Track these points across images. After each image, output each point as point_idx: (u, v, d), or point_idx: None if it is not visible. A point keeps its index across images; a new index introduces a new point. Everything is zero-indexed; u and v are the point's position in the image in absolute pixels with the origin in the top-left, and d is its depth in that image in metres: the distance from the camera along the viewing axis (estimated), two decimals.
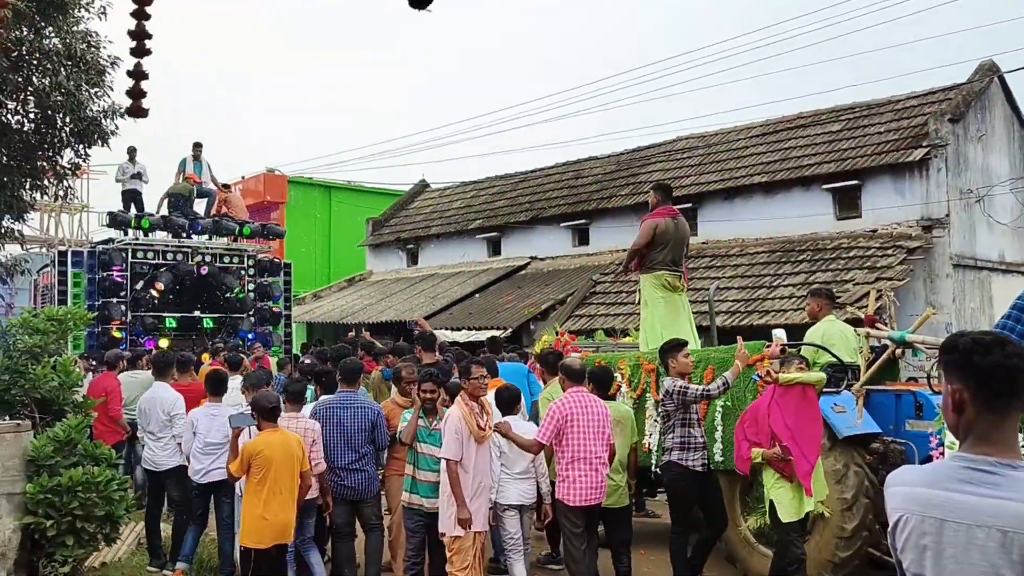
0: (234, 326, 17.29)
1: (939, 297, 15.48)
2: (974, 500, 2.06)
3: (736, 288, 16.24)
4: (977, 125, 17.09)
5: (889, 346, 7.10)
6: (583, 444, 6.48)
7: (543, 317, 18.34)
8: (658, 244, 8.86)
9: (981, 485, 2.07)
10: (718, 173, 19.38)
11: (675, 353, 6.91)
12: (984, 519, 2.04)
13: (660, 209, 9.04)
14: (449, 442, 6.28)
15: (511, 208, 24.13)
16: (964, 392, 2.16)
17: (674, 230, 8.95)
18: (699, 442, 6.84)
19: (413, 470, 6.83)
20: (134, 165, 17.47)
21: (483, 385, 6.57)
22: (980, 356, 2.14)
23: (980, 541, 2.03)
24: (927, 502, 2.13)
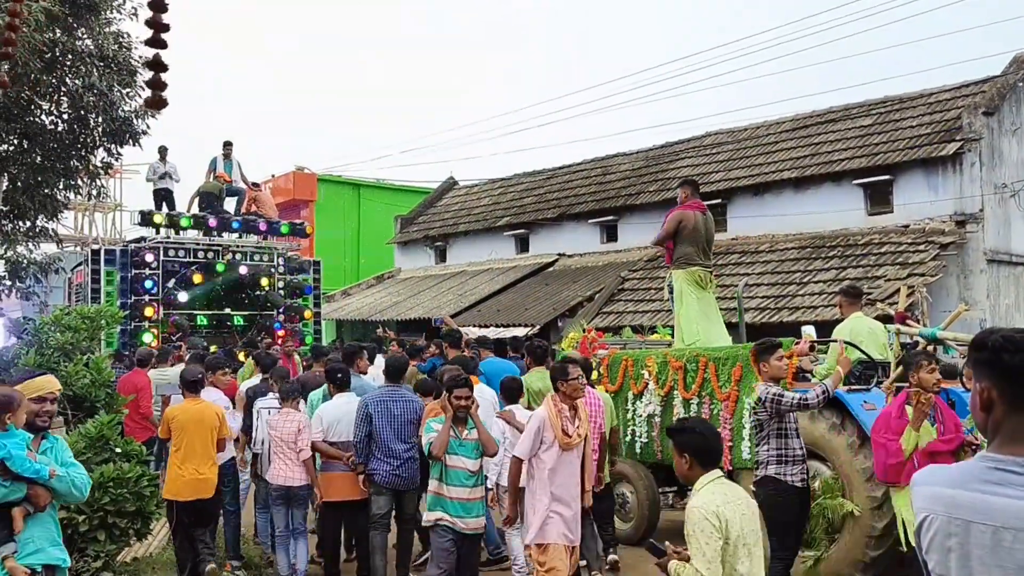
0: (264, 324, 17.42)
1: (973, 293, 15.25)
2: (1002, 502, 2.00)
3: (766, 284, 16.11)
4: (1012, 118, 16.80)
5: (920, 343, 7.02)
6: None
7: (571, 314, 18.30)
8: (687, 238, 8.83)
9: (1009, 486, 2.01)
10: (747, 169, 19.22)
11: (767, 356, 6.16)
12: (1012, 521, 1.98)
13: (690, 203, 9.01)
14: (523, 439, 6.00)
15: (539, 205, 24.11)
16: (993, 390, 2.09)
17: (702, 224, 8.91)
18: (798, 454, 6.11)
19: (440, 486, 6.30)
20: (165, 164, 17.66)
21: (580, 387, 6.09)
22: (1010, 354, 2.07)
23: (1008, 543, 1.98)
24: (953, 503, 2.08)
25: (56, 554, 4.51)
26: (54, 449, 4.65)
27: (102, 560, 6.40)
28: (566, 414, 5.96)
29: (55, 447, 4.67)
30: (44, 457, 4.52)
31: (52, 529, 4.52)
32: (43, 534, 4.48)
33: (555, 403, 5.98)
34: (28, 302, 18.78)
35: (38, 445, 4.56)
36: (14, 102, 13.39)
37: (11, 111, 13.53)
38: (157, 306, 16.07)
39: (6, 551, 4.35)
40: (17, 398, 4.42)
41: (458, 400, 6.34)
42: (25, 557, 4.40)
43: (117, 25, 14.62)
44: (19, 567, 4.34)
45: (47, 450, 4.61)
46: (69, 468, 4.58)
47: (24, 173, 14.93)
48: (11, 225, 15.59)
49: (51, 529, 4.52)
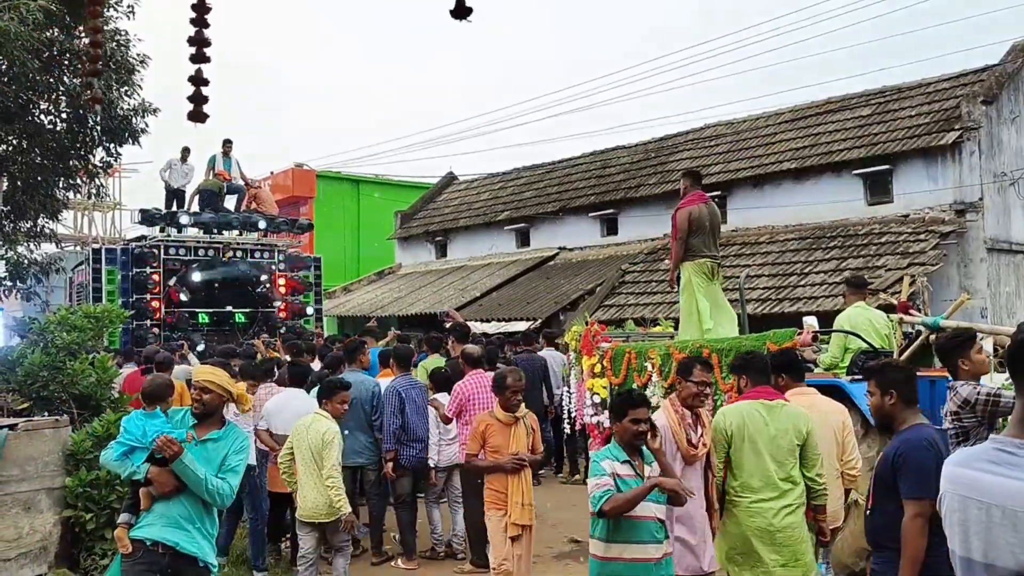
0: (265, 321, 17.43)
1: (973, 282, 15.28)
2: (992, 479, 2.12)
3: (767, 276, 16.13)
4: (1011, 107, 16.81)
5: (923, 332, 7.04)
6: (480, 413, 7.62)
7: (572, 308, 18.33)
8: (695, 231, 8.85)
9: (1003, 465, 2.12)
10: (747, 160, 19.23)
11: (966, 350, 5.05)
12: (1001, 499, 2.09)
13: (691, 196, 9.01)
14: None
15: (539, 199, 24.12)
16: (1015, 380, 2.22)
17: (708, 216, 8.93)
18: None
19: (609, 547, 4.68)
20: (183, 164, 17.74)
21: (702, 393, 5.28)
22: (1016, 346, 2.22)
23: (997, 520, 2.09)
24: (957, 479, 2.21)
25: (168, 535, 4.48)
26: (219, 442, 4.67)
27: (110, 557, 6.43)
28: (688, 421, 5.20)
29: (221, 442, 4.68)
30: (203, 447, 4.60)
31: (181, 513, 4.52)
32: (166, 514, 4.51)
33: (675, 408, 5.24)
34: (29, 303, 18.78)
35: (205, 432, 4.66)
36: (12, 102, 13.38)
37: (10, 111, 13.51)
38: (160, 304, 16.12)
39: (122, 519, 4.66)
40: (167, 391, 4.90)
41: (635, 425, 4.69)
42: (135, 530, 4.54)
43: (114, 23, 14.59)
44: (125, 537, 4.55)
45: (210, 440, 4.65)
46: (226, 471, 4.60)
47: (24, 173, 14.92)
48: (12, 225, 15.59)
49: (178, 513, 4.52)
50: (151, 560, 4.48)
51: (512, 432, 6.20)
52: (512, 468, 6.11)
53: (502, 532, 6.14)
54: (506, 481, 6.13)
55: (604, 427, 9.30)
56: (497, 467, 6.16)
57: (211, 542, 4.67)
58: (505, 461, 6.12)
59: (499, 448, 6.16)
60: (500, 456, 6.15)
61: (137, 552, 4.50)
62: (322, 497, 6.45)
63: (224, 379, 4.79)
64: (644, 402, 4.82)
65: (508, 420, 6.21)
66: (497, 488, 6.20)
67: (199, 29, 5.48)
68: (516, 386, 6.23)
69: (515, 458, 6.12)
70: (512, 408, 6.22)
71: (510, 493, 6.12)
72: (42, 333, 7.94)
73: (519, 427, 6.23)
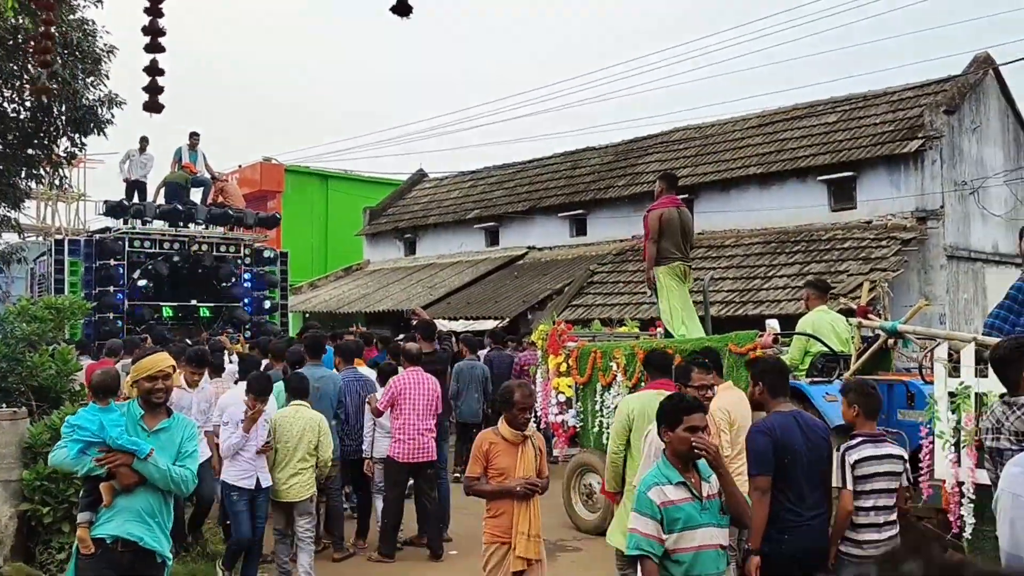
0: (231, 315, 17.33)
1: (933, 288, 15.55)
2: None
3: (731, 278, 16.30)
4: (972, 117, 17.13)
5: (881, 336, 7.17)
6: (412, 412, 8.05)
7: (540, 307, 18.40)
8: (667, 234, 8.95)
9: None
10: (714, 164, 19.41)
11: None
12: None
13: (664, 199, 9.12)
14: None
15: (509, 198, 24.17)
16: None
17: (679, 219, 9.04)
18: None
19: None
20: (142, 155, 17.50)
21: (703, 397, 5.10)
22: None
23: None
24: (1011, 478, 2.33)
25: (133, 530, 4.43)
26: (170, 430, 4.64)
27: (66, 552, 6.38)
28: None
29: (172, 428, 4.66)
30: (156, 437, 4.57)
31: (143, 507, 4.47)
32: (128, 508, 4.46)
33: None
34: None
35: (155, 423, 4.62)
36: None
37: None
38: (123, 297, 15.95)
39: (82, 518, 4.53)
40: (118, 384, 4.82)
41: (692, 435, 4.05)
42: (96, 527, 4.46)
43: (82, 12, 14.44)
44: (87, 537, 4.44)
45: (162, 430, 4.62)
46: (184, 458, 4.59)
47: None
48: None
49: (140, 507, 4.47)
50: (110, 559, 4.42)
51: (520, 453, 5.42)
52: (523, 494, 5.34)
53: (505, 571, 5.33)
54: (512, 509, 5.33)
55: (569, 426, 9.39)
56: (506, 492, 5.35)
57: (168, 536, 4.65)
58: (516, 485, 5.31)
59: (505, 471, 5.38)
60: (507, 480, 5.36)
61: (97, 551, 4.42)
62: (296, 479, 7.06)
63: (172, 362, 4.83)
64: (700, 407, 4.26)
65: (515, 439, 5.43)
66: (502, 516, 5.38)
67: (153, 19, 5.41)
68: (524, 402, 5.46)
69: (527, 482, 5.34)
70: (520, 426, 5.43)
71: (516, 523, 5.31)
72: (1, 324, 7.85)
73: (527, 447, 5.45)
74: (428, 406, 8.19)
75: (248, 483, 6.96)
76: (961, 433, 6.03)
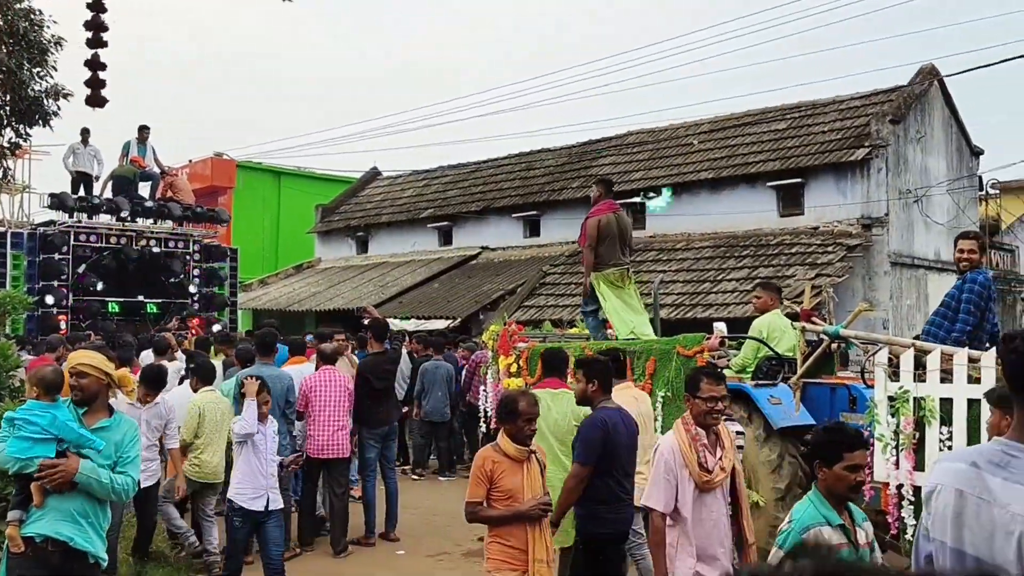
0: (178, 312, 17.08)
1: (877, 294, 15.90)
2: (991, 480, 2.23)
3: (681, 281, 16.49)
4: (917, 127, 17.54)
5: (824, 340, 7.32)
6: (323, 410, 8.27)
7: (493, 307, 18.42)
8: (603, 240, 9.03)
9: (1004, 467, 2.23)
10: (666, 168, 19.62)
11: None
12: (996, 497, 2.20)
13: (601, 204, 9.21)
14: (652, 484, 4.66)
15: (463, 198, 24.16)
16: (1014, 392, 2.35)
17: (616, 224, 9.12)
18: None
19: None
20: (86, 147, 17.13)
21: (714, 409, 4.69)
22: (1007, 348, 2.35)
23: (987, 516, 2.21)
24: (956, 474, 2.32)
25: (62, 529, 4.35)
26: (110, 430, 4.54)
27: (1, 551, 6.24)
28: (703, 442, 4.65)
29: (112, 429, 4.56)
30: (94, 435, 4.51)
31: (75, 508, 4.39)
32: (59, 508, 4.37)
33: (687, 428, 4.68)
34: None
35: (93, 421, 4.54)
36: None
37: None
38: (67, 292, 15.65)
39: (12, 516, 4.45)
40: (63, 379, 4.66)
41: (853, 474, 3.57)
42: (26, 526, 4.38)
43: (28, 2, 14.14)
44: (18, 535, 4.37)
45: (101, 429, 4.53)
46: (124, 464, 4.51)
47: None
48: None
49: (72, 507, 4.38)
50: (41, 558, 4.35)
51: (526, 471, 4.87)
52: (538, 516, 4.82)
53: None
54: (525, 535, 4.79)
55: None
56: (519, 516, 4.78)
57: (103, 537, 4.57)
58: (530, 508, 4.76)
59: (513, 492, 4.80)
60: (516, 502, 4.79)
61: (27, 550, 4.35)
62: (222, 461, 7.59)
63: (100, 361, 4.64)
64: (862, 442, 3.73)
65: (519, 455, 4.85)
66: (513, 543, 4.80)
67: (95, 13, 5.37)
68: (530, 412, 4.90)
69: (541, 503, 4.82)
70: (524, 440, 4.89)
71: (532, 549, 4.77)
72: None
73: (532, 463, 4.92)
74: (339, 403, 8.37)
75: (258, 504, 6.48)
76: (900, 436, 6.18)
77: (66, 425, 4.40)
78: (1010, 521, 2.16)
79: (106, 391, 4.68)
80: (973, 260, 6.64)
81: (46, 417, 4.41)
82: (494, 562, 4.83)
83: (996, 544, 2.18)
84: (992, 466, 2.26)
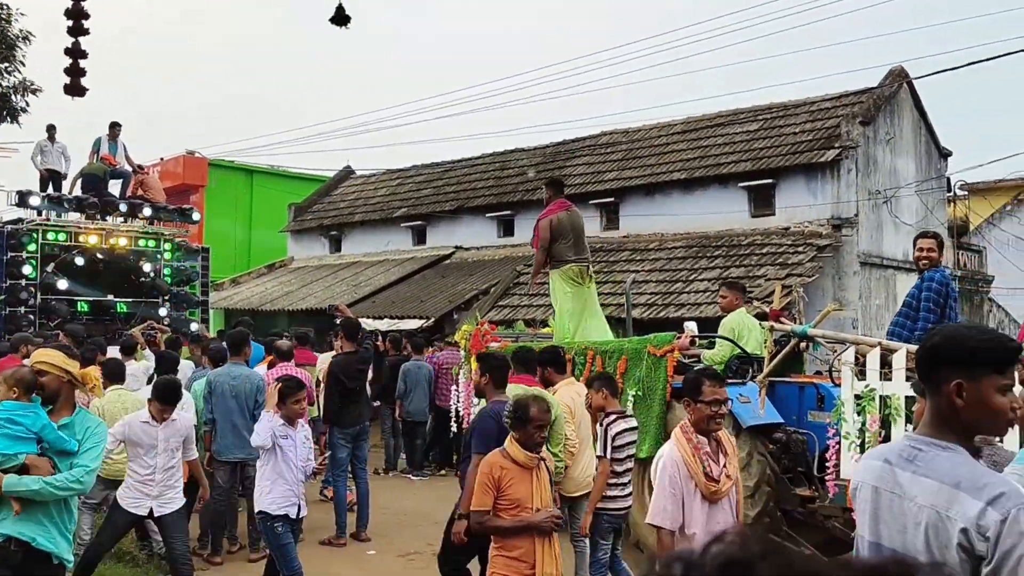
0: (148, 311, 16.91)
1: (847, 294, 16.06)
2: (901, 474, 2.34)
3: (654, 281, 16.57)
4: (886, 128, 17.74)
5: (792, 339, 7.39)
6: None
7: (466, 307, 18.41)
8: (559, 237, 9.08)
9: (912, 462, 2.33)
10: (640, 169, 19.70)
11: None
12: (905, 491, 2.30)
13: (553, 205, 9.32)
14: (656, 499, 4.41)
15: (437, 197, 24.12)
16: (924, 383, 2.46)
17: (568, 221, 9.18)
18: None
19: None
20: (53, 144, 16.89)
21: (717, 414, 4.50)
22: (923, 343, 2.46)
23: (899, 509, 2.32)
24: (872, 471, 2.43)
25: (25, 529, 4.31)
26: (71, 427, 4.53)
27: None
28: (706, 450, 4.44)
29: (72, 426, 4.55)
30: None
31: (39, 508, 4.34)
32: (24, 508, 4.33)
33: (687, 436, 4.49)
34: None
35: (57, 420, 4.54)
36: None
37: None
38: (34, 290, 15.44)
39: None
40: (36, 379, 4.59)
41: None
42: None
43: None
44: None
45: (63, 428, 4.52)
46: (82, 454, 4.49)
47: None
48: None
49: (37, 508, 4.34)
50: (3, 557, 4.32)
51: (535, 478, 4.69)
52: (549, 529, 4.64)
53: None
54: (534, 547, 4.59)
55: None
56: (530, 527, 4.59)
57: (68, 538, 4.55)
58: (542, 520, 4.60)
59: (521, 501, 4.61)
60: (523, 511, 4.61)
61: None
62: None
63: (60, 360, 4.61)
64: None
65: (529, 462, 4.67)
66: (520, 556, 4.59)
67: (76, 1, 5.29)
68: (542, 418, 4.70)
69: (552, 515, 4.67)
70: (535, 447, 4.70)
71: (541, 564, 4.58)
72: None
73: (541, 471, 4.75)
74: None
75: (291, 510, 6.29)
76: (866, 434, 6.26)
77: (48, 426, 4.40)
78: (917, 513, 2.25)
79: (69, 389, 4.65)
80: (932, 259, 6.77)
81: (29, 417, 4.41)
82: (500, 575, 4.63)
83: (908, 536, 2.28)
84: (902, 460, 2.35)
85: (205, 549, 8.07)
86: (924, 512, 2.23)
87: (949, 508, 2.18)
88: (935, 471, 2.25)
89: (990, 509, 2.13)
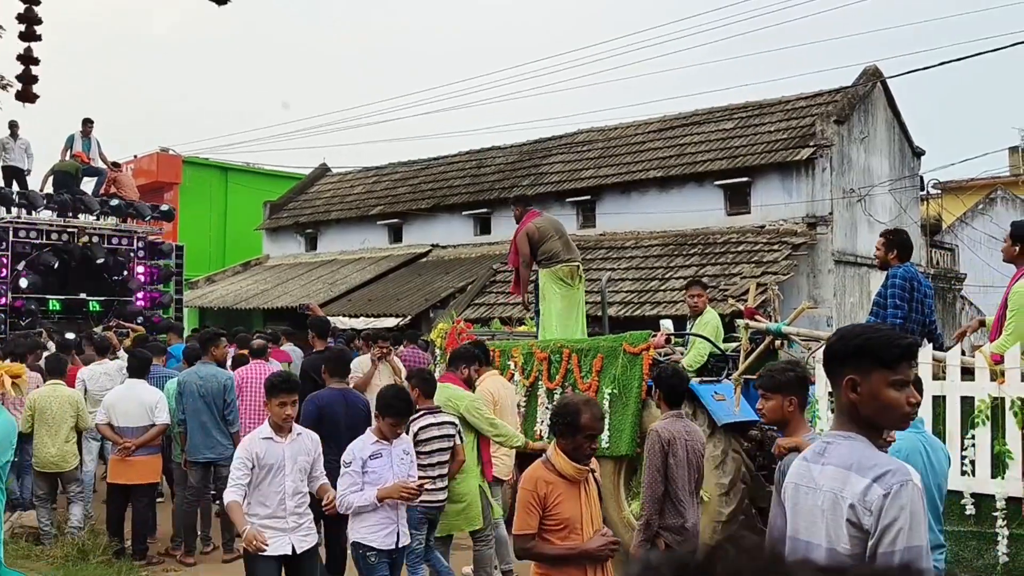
0: (121, 310, 16.75)
1: (821, 292, 16.17)
2: (814, 468, 2.46)
3: (630, 279, 16.61)
4: (860, 127, 17.88)
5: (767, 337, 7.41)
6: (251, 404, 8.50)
7: (443, 305, 18.37)
8: (546, 238, 9.04)
9: (822, 455, 2.45)
10: (616, 167, 19.73)
11: None
12: (816, 482, 2.42)
13: (525, 217, 9.32)
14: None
15: (413, 195, 24.05)
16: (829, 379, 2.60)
17: (549, 223, 9.19)
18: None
19: None
20: (15, 140, 16.64)
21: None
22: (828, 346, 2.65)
23: (811, 500, 2.43)
24: (795, 470, 2.56)
25: None
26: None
27: None
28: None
29: None
30: None
31: None
32: None
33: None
34: None
35: None
36: None
37: None
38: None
39: None
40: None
41: None
42: None
43: None
44: None
45: None
46: None
47: None
48: None
49: None
50: None
51: (584, 494, 4.02)
52: (606, 556, 4.00)
53: None
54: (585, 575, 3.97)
55: None
56: (584, 555, 3.93)
57: None
58: (598, 547, 3.95)
59: (570, 522, 3.93)
60: (573, 534, 3.94)
61: None
62: (60, 452, 7.92)
63: None
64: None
65: (577, 475, 3.98)
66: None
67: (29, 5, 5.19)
68: (593, 427, 4.00)
69: (609, 540, 4.01)
70: (583, 458, 4.00)
71: None
72: None
73: (590, 485, 4.09)
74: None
75: (388, 542, 5.30)
76: None
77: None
78: (822, 499, 2.38)
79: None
80: (879, 256, 6.85)
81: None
82: None
83: (816, 525, 2.39)
84: (815, 456, 2.47)
85: (178, 550, 8.01)
86: (827, 497, 2.36)
87: (843, 488, 2.32)
88: (836, 459, 2.38)
89: (875, 485, 2.27)
